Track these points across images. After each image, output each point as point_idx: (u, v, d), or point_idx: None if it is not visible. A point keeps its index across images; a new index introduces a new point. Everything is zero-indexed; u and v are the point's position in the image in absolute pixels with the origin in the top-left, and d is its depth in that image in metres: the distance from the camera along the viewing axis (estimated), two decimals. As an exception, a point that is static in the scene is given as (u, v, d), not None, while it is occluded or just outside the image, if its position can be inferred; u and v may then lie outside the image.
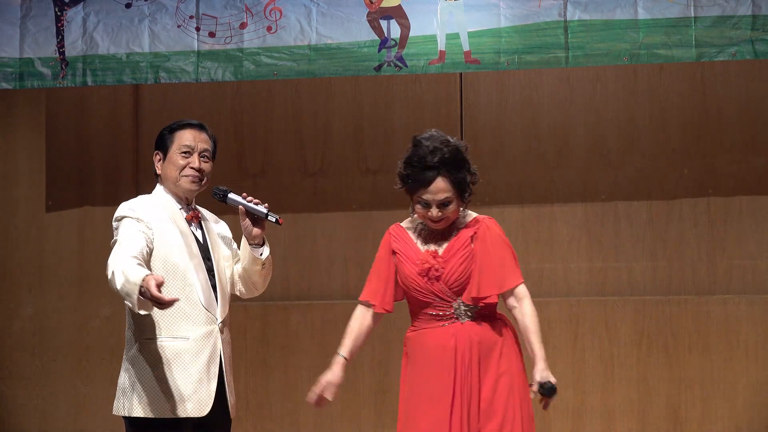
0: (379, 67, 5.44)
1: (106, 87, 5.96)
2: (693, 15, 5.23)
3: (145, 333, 3.79)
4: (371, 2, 5.45)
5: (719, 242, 5.86)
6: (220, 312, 3.88)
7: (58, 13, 5.68)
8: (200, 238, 3.95)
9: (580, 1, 5.29)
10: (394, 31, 5.42)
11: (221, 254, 4.01)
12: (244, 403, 6.06)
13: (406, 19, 5.42)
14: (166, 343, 3.77)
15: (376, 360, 6.01)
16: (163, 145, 4.00)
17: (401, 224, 4.02)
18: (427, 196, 3.84)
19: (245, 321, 6.08)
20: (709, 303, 5.78)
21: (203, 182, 3.98)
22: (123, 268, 3.49)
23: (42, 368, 6.26)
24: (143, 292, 3.40)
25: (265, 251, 3.98)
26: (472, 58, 5.37)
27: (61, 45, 5.66)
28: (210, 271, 3.90)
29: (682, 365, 5.77)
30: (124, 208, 3.91)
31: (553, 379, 3.72)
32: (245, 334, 6.08)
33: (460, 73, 5.98)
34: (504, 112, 6.03)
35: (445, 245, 3.87)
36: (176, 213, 3.93)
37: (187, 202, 4.00)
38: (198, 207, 4.09)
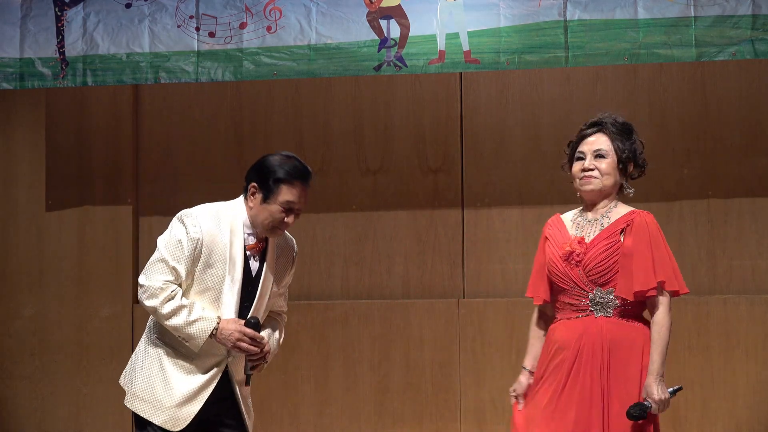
0: (378, 67, 5.44)
1: (106, 87, 5.96)
2: (693, 15, 5.23)
3: (164, 334, 3.85)
4: (371, 2, 5.45)
5: (719, 242, 5.86)
6: None
7: (58, 13, 5.68)
8: (254, 270, 3.86)
9: (580, 0, 5.29)
10: (394, 30, 5.42)
11: (270, 292, 3.90)
12: (244, 403, 6.07)
13: (406, 18, 5.42)
14: (170, 351, 3.82)
15: (376, 360, 6.01)
16: (266, 185, 3.84)
17: (561, 214, 3.95)
18: (584, 147, 3.84)
19: (245, 321, 6.08)
20: (709, 303, 5.78)
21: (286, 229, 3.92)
22: (180, 316, 3.70)
23: (42, 368, 6.26)
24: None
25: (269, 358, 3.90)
26: (472, 57, 5.37)
27: (61, 45, 5.67)
28: (247, 303, 3.84)
29: (682, 365, 5.76)
30: (189, 219, 3.82)
31: (655, 396, 3.62)
32: (245, 334, 6.08)
33: (460, 73, 5.98)
34: (504, 112, 6.03)
35: (595, 233, 3.78)
36: (239, 238, 3.82)
37: (258, 236, 3.87)
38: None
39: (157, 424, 3.80)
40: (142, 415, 3.84)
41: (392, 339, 6.02)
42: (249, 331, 3.72)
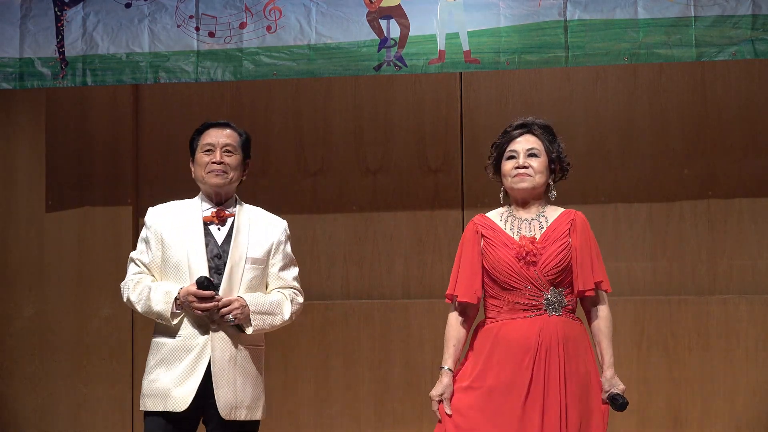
0: (378, 67, 5.43)
1: (106, 87, 5.96)
2: (693, 15, 5.23)
3: (155, 328, 4.04)
4: (371, 2, 5.45)
5: (719, 242, 5.86)
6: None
7: (58, 13, 5.68)
8: (220, 238, 4.02)
9: (580, 0, 5.29)
10: (394, 30, 5.42)
11: (246, 256, 4.02)
12: (244, 403, 6.07)
13: (406, 18, 5.42)
14: (160, 339, 4.00)
15: (376, 360, 6.01)
16: (192, 149, 4.13)
17: (485, 214, 3.98)
18: (515, 147, 3.88)
19: (245, 321, 6.09)
20: (709, 303, 5.78)
21: (230, 176, 4.06)
22: (145, 297, 3.96)
23: (42, 368, 6.26)
24: (179, 305, 3.90)
25: (248, 330, 3.98)
26: (472, 57, 5.36)
27: (61, 45, 5.66)
28: (219, 271, 3.97)
29: (682, 365, 5.76)
30: (147, 212, 4.15)
31: (622, 387, 3.74)
32: (245, 334, 6.08)
33: (460, 73, 5.98)
34: (504, 112, 6.02)
35: (537, 233, 3.82)
36: (195, 212, 4.05)
37: (218, 201, 4.08)
38: (243, 207, 4.12)
39: (161, 411, 3.91)
40: (147, 410, 3.97)
41: (392, 339, 6.02)
42: (193, 290, 3.86)
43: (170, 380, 3.90)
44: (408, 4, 5.42)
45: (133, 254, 4.09)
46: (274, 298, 4.04)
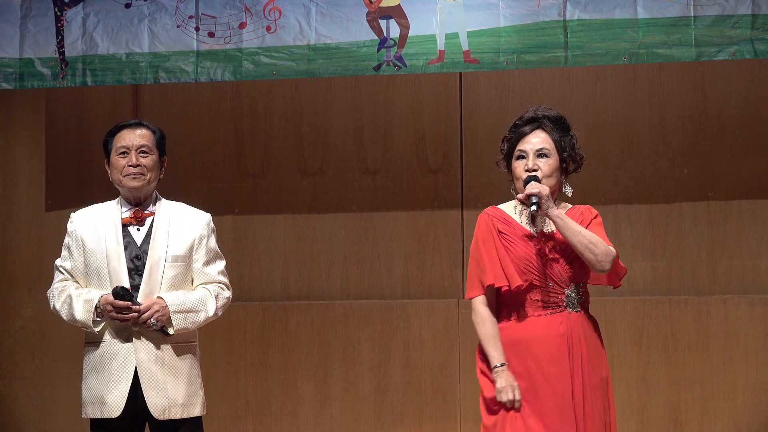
0: (378, 67, 5.43)
1: (106, 87, 5.96)
2: (693, 14, 5.23)
3: (84, 336, 4.07)
4: (370, 2, 5.45)
5: (719, 242, 5.86)
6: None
7: (58, 14, 5.68)
8: (139, 239, 4.02)
9: (580, 0, 5.29)
10: (394, 30, 5.42)
11: (166, 255, 4.01)
12: (244, 403, 6.07)
13: (406, 18, 5.42)
14: (89, 346, 4.02)
15: (376, 360, 6.01)
16: (106, 152, 4.10)
17: (497, 206, 3.84)
18: (524, 146, 3.74)
19: (245, 321, 6.09)
20: (709, 303, 5.78)
21: (147, 177, 4.04)
22: (68, 306, 3.97)
23: (42, 368, 6.26)
24: (99, 312, 3.90)
25: (170, 331, 3.99)
26: (472, 57, 5.36)
27: (61, 45, 5.66)
28: (139, 272, 3.97)
29: (682, 365, 5.76)
30: (70, 218, 4.15)
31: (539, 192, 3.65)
32: (245, 334, 6.08)
33: (460, 73, 5.98)
34: (504, 112, 6.02)
35: (554, 229, 3.70)
36: (113, 217, 4.04)
37: (137, 202, 4.07)
38: (163, 204, 4.11)
39: (99, 418, 3.95)
40: (88, 417, 4.01)
41: (392, 339, 6.02)
42: (111, 301, 3.86)
43: (102, 386, 3.93)
44: (408, 4, 5.42)
45: (57, 262, 4.11)
46: (197, 295, 4.01)
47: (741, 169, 5.86)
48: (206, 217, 4.15)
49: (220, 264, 4.12)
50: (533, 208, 3.62)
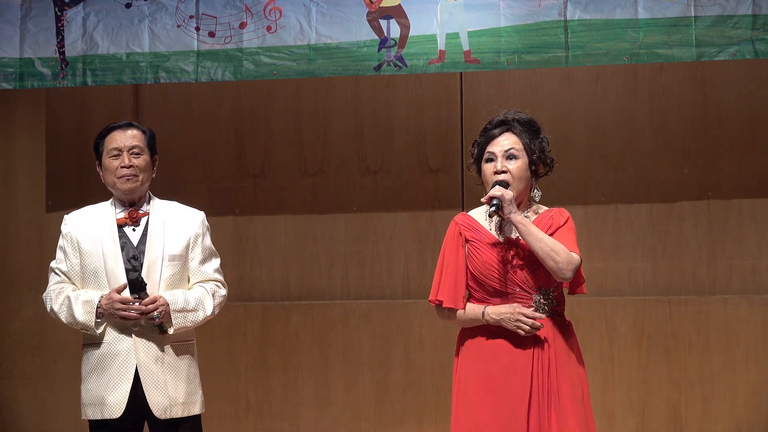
0: (378, 67, 5.43)
1: (106, 87, 5.95)
2: (693, 14, 5.23)
3: (83, 338, 4.07)
4: (371, 2, 5.45)
5: (719, 242, 5.86)
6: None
7: (58, 13, 5.68)
8: (135, 239, 4.03)
9: (580, 0, 5.29)
10: (394, 30, 5.42)
11: (163, 254, 4.02)
12: (244, 403, 6.07)
13: (406, 18, 5.42)
14: (88, 347, 4.02)
15: (376, 360, 6.01)
16: (97, 154, 4.14)
17: (468, 213, 3.85)
18: (493, 149, 3.73)
19: (245, 321, 6.09)
20: (709, 303, 5.78)
21: (140, 178, 4.06)
22: (67, 307, 3.95)
23: (42, 368, 6.26)
24: (100, 313, 3.90)
25: (170, 330, 4.00)
26: (472, 57, 5.36)
27: (61, 45, 5.66)
28: (136, 272, 3.98)
29: (682, 365, 5.76)
30: (64, 221, 4.17)
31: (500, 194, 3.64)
32: (245, 334, 6.08)
33: (460, 73, 5.98)
34: (504, 112, 6.02)
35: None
36: (108, 218, 4.05)
37: (131, 202, 4.09)
38: (157, 204, 4.12)
39: (99, 419, 3.95)
40: (87, 419, 4.01)
41: (392, 339, 6.02)
42: (117, 297, 3.87)
43: (103, 387, 3.93)
44: (408, 4, 5.42)
45: (52, 264, 4.11)
46: (195, 293, 4.02)
47: (741, 169, 5.86)
48: (200, 215, 4.17)
49: (216, 262, 4.15)
50: (492, 209, 3.62)
